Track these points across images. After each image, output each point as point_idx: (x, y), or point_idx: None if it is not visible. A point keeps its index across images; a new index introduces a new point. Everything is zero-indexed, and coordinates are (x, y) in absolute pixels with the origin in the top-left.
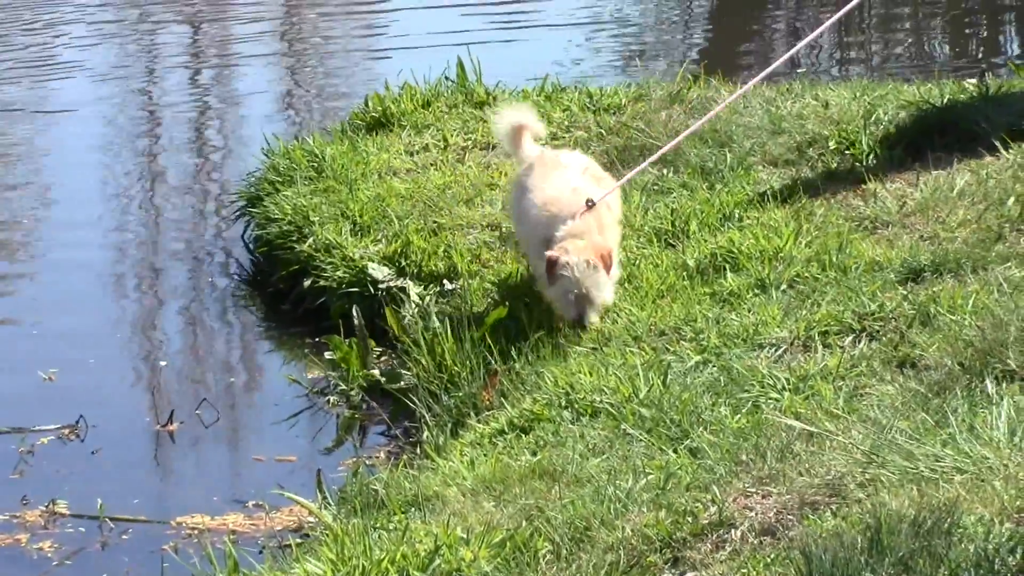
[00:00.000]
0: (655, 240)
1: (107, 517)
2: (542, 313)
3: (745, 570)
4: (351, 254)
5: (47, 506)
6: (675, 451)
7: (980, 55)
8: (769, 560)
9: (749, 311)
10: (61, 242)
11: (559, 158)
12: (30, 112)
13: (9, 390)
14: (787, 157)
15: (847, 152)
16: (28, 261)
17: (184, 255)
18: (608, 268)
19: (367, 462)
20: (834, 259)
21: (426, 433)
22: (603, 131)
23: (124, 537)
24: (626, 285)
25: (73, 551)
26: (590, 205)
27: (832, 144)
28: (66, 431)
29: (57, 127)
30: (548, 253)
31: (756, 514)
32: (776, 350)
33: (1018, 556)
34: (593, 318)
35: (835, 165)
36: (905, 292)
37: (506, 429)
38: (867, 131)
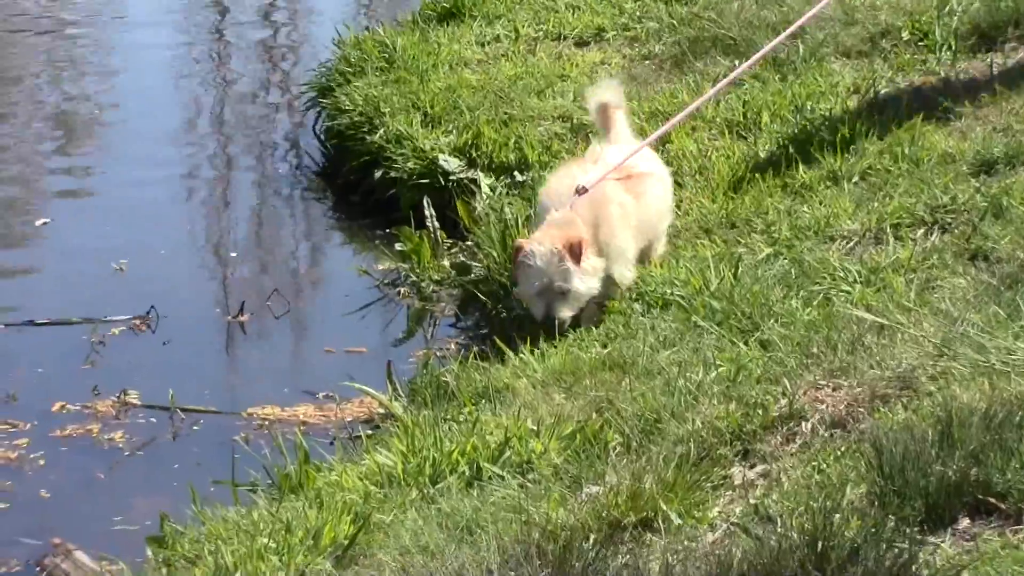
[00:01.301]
0: (727, 132)
1: (178, 408)
2: None
3: (815, 463)
4: (422, 145)
5: (118, 396)
6: (746, 343)
7: None
8: (839, 453)
9: (821, 203)
10: (132, 135)
11: (597, 149)
12: (104, 18)
13: (80, 280)
14: (860, 48)
15: (920, 43)
16: (99, 153)
17: (254, 146)
18: (576, 258)
19: (437, 354)
20: (906, 151)
21: (496, 325)
22: (675, 22)
23: (195, 428)
24: (697, 177)
25: (144, 441)
26: (580, 192)
27: (905, 35)
28: (137, 322)
29: (128, 28)
30: (516, 242)
31: (827, 407)
32: (848, 242)
33: None
34: (564, 313)
35: (908, 56)
36: (978, 184)
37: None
38: (940, 22)
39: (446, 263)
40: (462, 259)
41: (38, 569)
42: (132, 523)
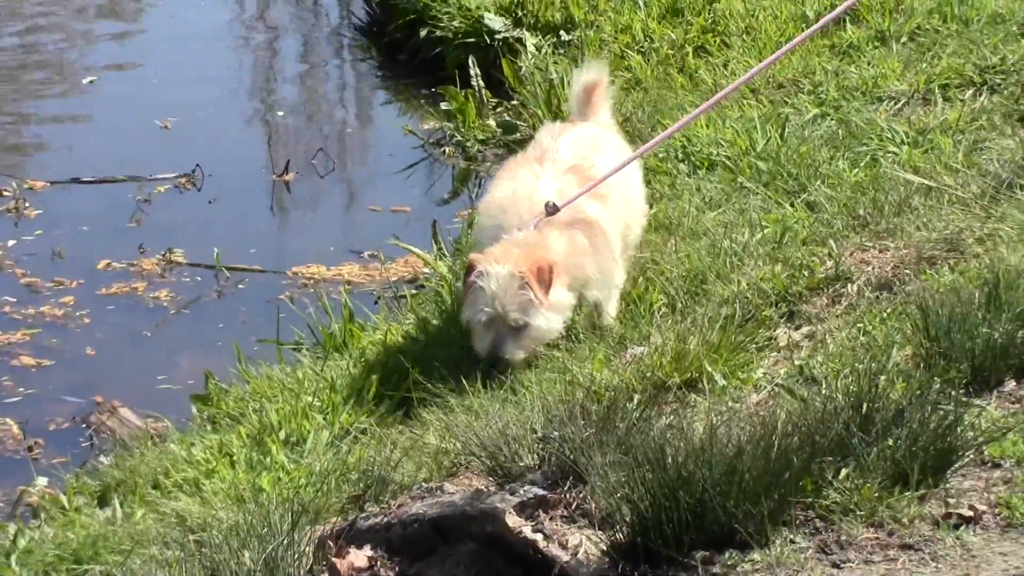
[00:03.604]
0: None
1: (223, 267)
2: (657, 65)
3: (861, 324)
4: (467, 3)
5: (164, 255)
6: (792, 205)
7: None
8: (885, 315)
9: (869, 64)
10: None
11: (546, 140)
12: None
13: (126, 138)
14: None
15: None
16: (144, 16)
17: (300, 4)
18: (545, 287)
19: None
20: (956, 11)
21: None
22: None
23: (240, 287)
24: (744, 37)
25: (189, 300)
26: (551, 210)
27: None
28: (183, 180)
29: None
30: (470, 257)
31: (873, 269)
32: (895, 103)
33: None
34: (515, 353)
35: None
36: None
37: None
38: None
39: (491, 122)
40: (507, 118)
41: (84, 426)
42: (177, 381)
